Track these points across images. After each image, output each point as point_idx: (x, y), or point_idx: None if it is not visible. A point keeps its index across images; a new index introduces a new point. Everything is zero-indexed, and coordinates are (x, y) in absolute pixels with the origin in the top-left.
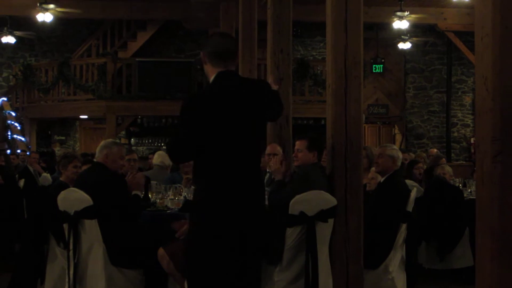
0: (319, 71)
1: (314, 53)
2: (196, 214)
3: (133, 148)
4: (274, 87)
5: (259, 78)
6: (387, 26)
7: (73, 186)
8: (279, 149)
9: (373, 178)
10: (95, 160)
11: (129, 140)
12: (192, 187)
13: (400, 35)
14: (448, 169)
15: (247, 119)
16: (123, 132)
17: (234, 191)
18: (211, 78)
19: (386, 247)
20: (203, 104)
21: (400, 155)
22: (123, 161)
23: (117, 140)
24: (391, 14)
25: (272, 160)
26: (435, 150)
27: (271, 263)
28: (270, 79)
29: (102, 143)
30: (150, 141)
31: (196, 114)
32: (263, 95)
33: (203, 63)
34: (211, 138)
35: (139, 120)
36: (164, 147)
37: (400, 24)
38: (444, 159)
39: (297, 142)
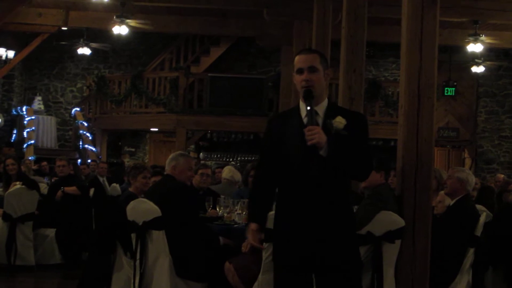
0: (390, 92)
1: (386, 74)
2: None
3: (202, 162)
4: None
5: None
6: (461, 49)
7: (143, 197)
8: None
9: (440, 201)
10: (165, 173)
11: (198, 154)
12: None
13: (474, 59)
14: None
15: None
16: (193, 146)
17: None
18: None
19: (453, 271)
20: None
21: (472, 179)
22: (191, 172)
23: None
24: (465, 37)
25: None
26: (502, 175)
27: None
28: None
29: (170, 155)
30: (219, 155)
31: None
32: None
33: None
34: None
35: (208, 135)
36: (232, 163)
37: (474, 47)
38: None
39: None
